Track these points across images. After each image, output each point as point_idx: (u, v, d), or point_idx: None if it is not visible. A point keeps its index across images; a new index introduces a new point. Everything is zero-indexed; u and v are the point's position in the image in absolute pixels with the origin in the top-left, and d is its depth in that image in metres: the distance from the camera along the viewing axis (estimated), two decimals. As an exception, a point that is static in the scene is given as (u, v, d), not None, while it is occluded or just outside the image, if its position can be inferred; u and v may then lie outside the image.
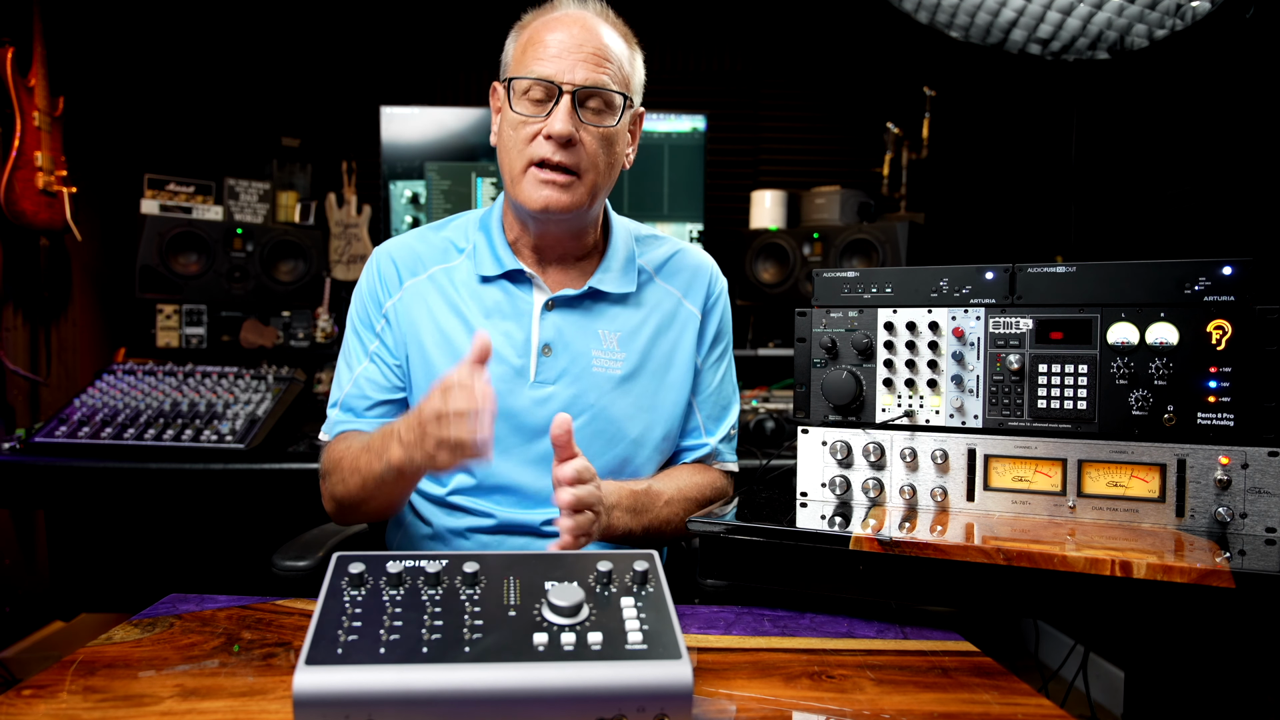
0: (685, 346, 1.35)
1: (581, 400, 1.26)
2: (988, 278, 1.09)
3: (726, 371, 1.42)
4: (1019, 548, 0.90)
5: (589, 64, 1.20)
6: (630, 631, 0.73)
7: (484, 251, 1.31)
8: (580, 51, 1.20)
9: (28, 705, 0.74)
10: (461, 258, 1.33)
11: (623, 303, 1.32)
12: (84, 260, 2.86)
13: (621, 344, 1.30)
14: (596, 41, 1.22)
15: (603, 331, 1.29)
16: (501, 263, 1.29)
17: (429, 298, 1.30)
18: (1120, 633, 2.32)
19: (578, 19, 1.24)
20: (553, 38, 1.21)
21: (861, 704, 0.79)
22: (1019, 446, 1.05)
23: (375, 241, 2.92)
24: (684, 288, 1.37)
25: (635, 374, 1.29)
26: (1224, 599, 0.82)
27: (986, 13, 1.97)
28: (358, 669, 0.68)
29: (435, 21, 3.21)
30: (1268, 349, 0.97)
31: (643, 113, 1.35)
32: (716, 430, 1.39)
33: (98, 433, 1.90)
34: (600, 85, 1.21)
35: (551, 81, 1.19)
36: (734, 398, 1.43)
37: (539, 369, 1.26)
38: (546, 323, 1.28)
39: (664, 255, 1.39)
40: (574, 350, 1.28)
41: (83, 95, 2.73)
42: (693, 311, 1.36)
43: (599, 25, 1.24)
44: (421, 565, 0.80)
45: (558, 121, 1.18)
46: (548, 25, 1.23)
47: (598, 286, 1.30)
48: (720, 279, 1.42)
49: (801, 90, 3.35)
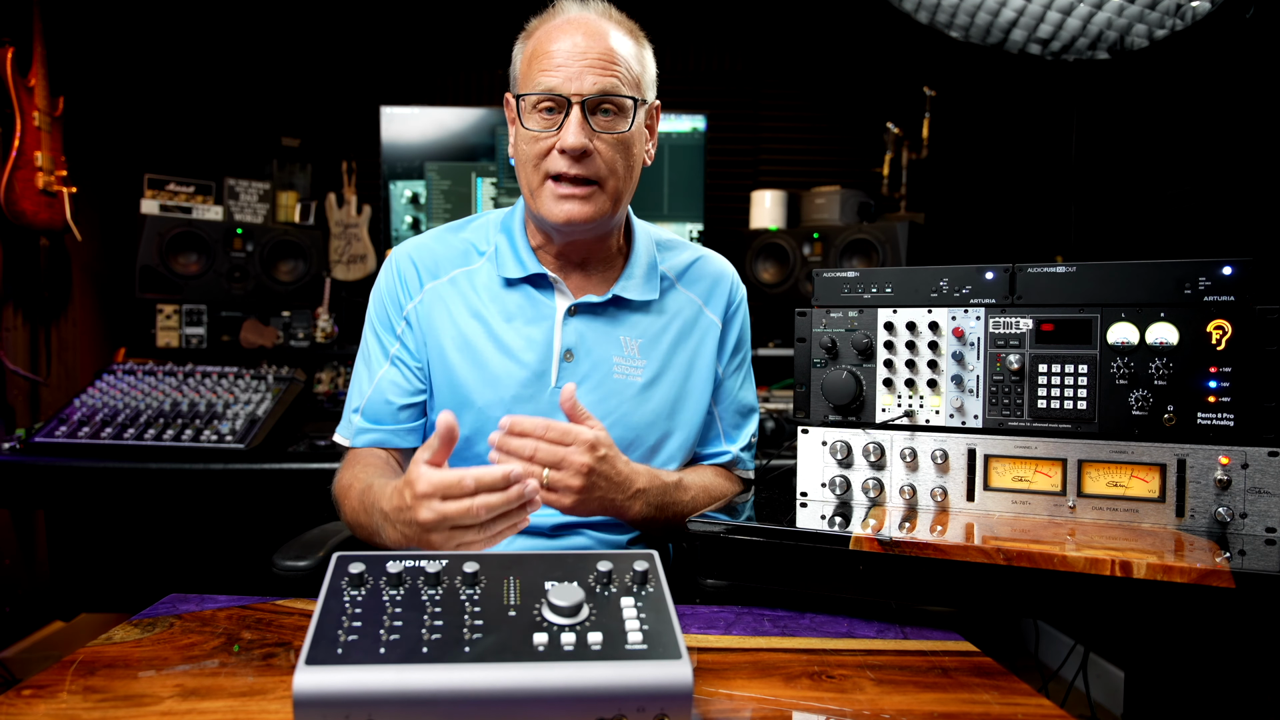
0: (706, 354, 1.34)
1: (602, 407, 1.26)
2: (988, 278, 1.09)
3: (746, 379, 1.42)
4: (1019, 548, 0.90)
5: (596, 70, 1.18)
6: (630, 631, 0.73)
7: (507, 254, 1.29)
8: (585, 59, 1.17)
9: (28, 705, 0.74)
10: (483, 260, 1.31)
11: (645, 309, 1.31)
12: (84, 260, 2.86)
13: (643, 351, 1.29)
14: (602, 45, 1.19)
15: (624, 338, 1.29)
16: (525, 266, 1.28)
17: (449, 301, 1.29)
18: (1120, 633, 2.32)
19: (581, 23, 1.21)
20: (557, 47, 1.18)
21: (861, 704, 0.79)
22: (1019, 446, 1.05)
23: (375, 241, 2.92)
24: (705, 295, 1.37)
25: (655, 381, 1.29)
26: (1224, 599, 0.82)
27: (986, 13, 1.97)
28: (358, 669, 0.68)
29: (435, 21, 3.21)
30: (1268, 349, 0.97)
31: (659, 105, 1.33)
32: (738, 438, 1.39)
33: (98, 433, 1.90)
34: (610, 91, 1.18)
35: (559, 94, 1.17)
36: (754, 406, 1.43)
37: (560, 374, 1.26)
38: (569, 328, 1.27)
39: (685, 262, 1.38)
40: (595, 356, 1.27)
41: (83, 95, 2.73)
42: (713, 320, 1.36)
43: (603, 27, 1.21)
44: (421, 565, 0.80)
45: (569, 135, 1.17)
46: (551, 34, 1.21)
47: (621, 294, 1.29)
48: (740, 287, 1.42)
49: (801, 90, 3.35)
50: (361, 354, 1.33)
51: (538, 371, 1.26)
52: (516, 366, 1.25)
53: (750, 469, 1.42)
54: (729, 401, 1.38)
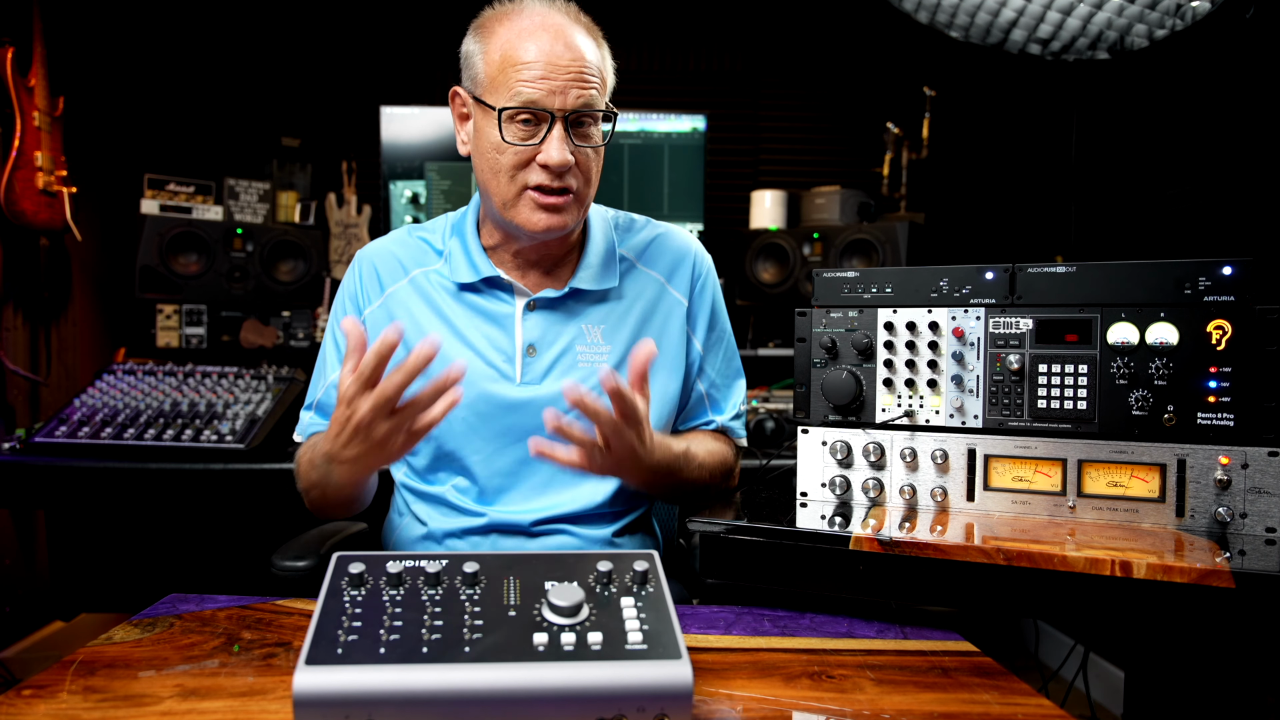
0: (672, 333, 1.34)
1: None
2: (988, 278, 1.09)
3: (727, 349, 1.41)
4: (1019, 548, 0.90)
5: (578, 84, 1.16)
6: (630, 631, 0.73)
7: (460, 259, 1.29)
8: (568, 72, 1.15)
9: (28, 705, 0.74)
10: (440, 262, 1.32)
11: (604, 297, 1.31)
12: (84, 260, 2.86)
13: (606, 337, 1.29)
14: (577, 54, 1.17)
15: (586, 326, 1.29)
16: (478, 270, 1.28)
17: (410, 304, 1.29)
18: (1120, 633, 2.32)
19: (550, 25, 1.17)
20: (534, 55, 1.15)
21: (861, 704, 0.79)
22: (1019, 446, 1.05)
23: (375, 241, 2.91)
24: (667, 273, 1.35)
25: (622, 364, 1.28)
26: (1224, 599, 0.82)
27: (986, 13, 1.97)
28: (358, 669, 0.68)
29: (435, 21, 3.21)
30: (1268, 349, 0.97)
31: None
32: (725, 409, 1.40)
33: (98, 433, 1.90)
34: (591, 104, 1.18)
35: (544, 109, 1.15)
36: (738, 374, 1.42)
37: (524, 370, 1.26)
38: (529, 324, 1.28)
39: (645, 240, 1.37)
40: (558, 348, 1.28)
41: (83, 95, 2.73)
42: (678, 298, 1.35)
43: (574, 33, 1.18)
44: (421, 565, 0.80)
45: (554, 151, 1.15)
46: (522, 37, 1.16)
47: (579, 286, 1.29)
48: (704, 258, 1.39)
49: (801, 90, 3.35)
50: (321, 353, 1.34)
51: (503, 370, 1.26)
52: (482, 365, 1.26)
53: (741, 436, 1.42)
54: (712, 373, 1.38)
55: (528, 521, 1.26)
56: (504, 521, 1.26)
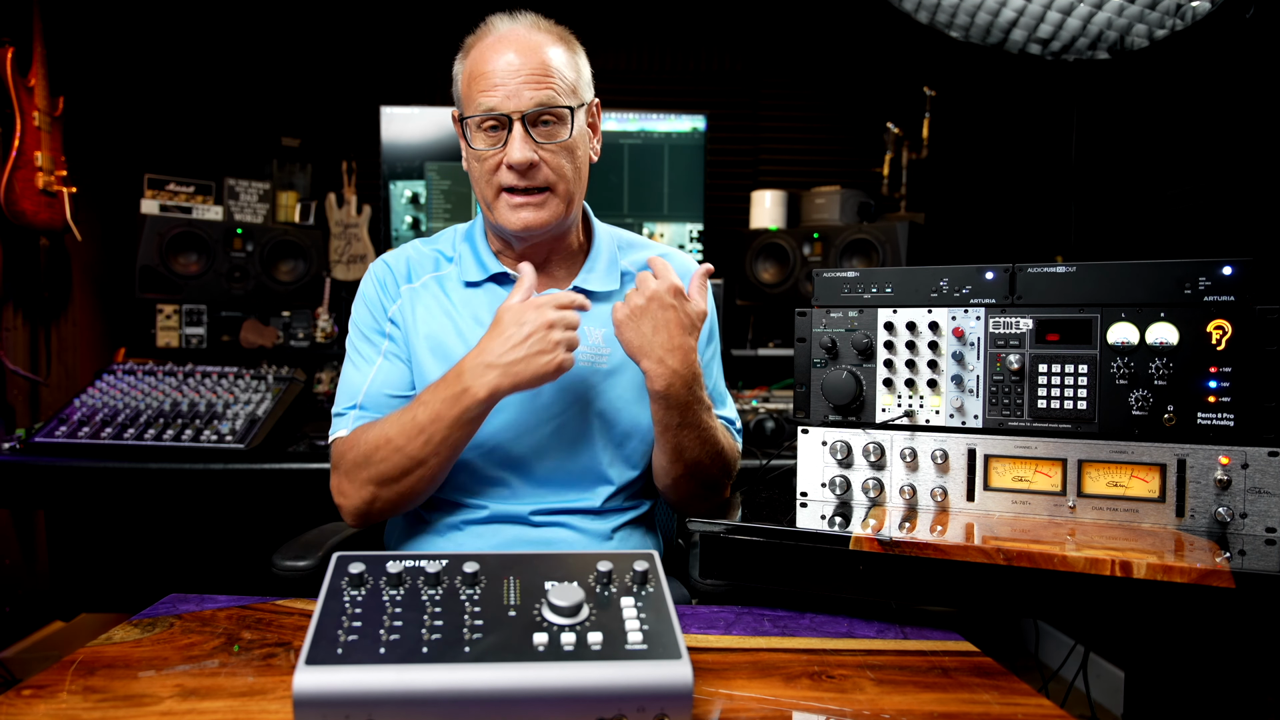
0: None
1: (569, 393, 1.29)
2: (988, 278, 1.09)
3: (718, 374, 1.45)
4: (1019, 548, 0.90)
5: (532, 85, 1.21)
6: (630, 632, 0.73)
7: (469, 259, 1.35)
8: (519, 76, 1.21)
9: (28, 705, 0.74)
10: (451, 266, 1.37)
11: (606, 301, 1.34)
12: (84, 260, 2.86)
13: (606, 341, 1.32)
14: (535, 59, 1.22)
15: (588, 329, 1.32)
16: (486, 267, 1.33)
17: (422, 303, 1.33)
18: (1120, 633, 2.32)
19: (512, 39, 1.24)
20: (492, 66, 1.22)
21: (861, 704, 0.79)
22: (1019, 446, 1.05)
23: (375, 241, 2.92)
24: None
25: (620, 369, 1.32)
26: (1224, 599, 0.82)
27: (986, 13, 1.97)
28: (358, 669, 0.68)
29: (435, 21, 3.21)
30: (1268, 349, 0.97)
31: (599, 103, 1.36)
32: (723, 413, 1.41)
33: (98, 433, 1.90)
34: (547, 103, 1.22)
35: (500, 113, 1.21)
36: (725, 394, 1.46)
37: None
38: None
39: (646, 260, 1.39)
40: None
41: (83, 95, 2.73)
42: None
43: (534, 39, 1.25)
44: (421, 565, 0.80)
45: (515, 151, 1.21)
46: (485, 54, 1.24)
47: (582, 285, 1.33)
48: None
49: (801, 90, 3.35)
50: (348, 362, 1.35)
51: None
52: None
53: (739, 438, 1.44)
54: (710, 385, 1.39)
55: (526, 512, 1.28)
56: (505, 513, 1.28)
